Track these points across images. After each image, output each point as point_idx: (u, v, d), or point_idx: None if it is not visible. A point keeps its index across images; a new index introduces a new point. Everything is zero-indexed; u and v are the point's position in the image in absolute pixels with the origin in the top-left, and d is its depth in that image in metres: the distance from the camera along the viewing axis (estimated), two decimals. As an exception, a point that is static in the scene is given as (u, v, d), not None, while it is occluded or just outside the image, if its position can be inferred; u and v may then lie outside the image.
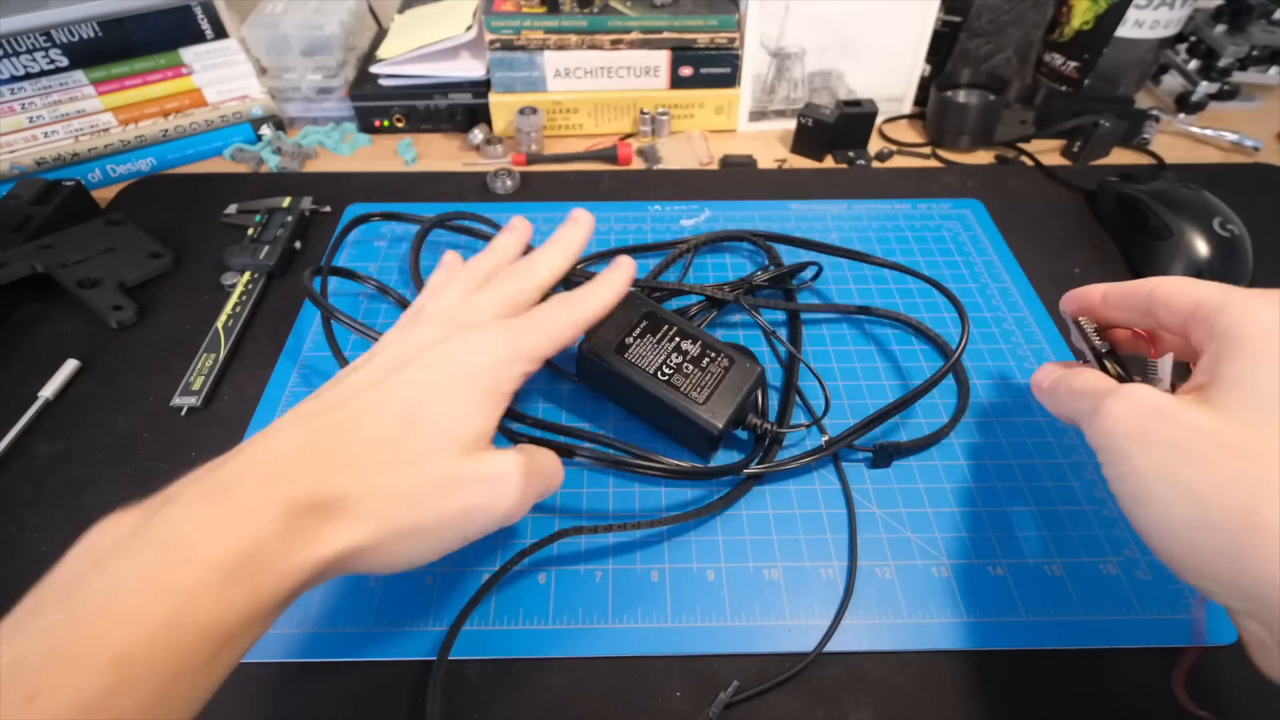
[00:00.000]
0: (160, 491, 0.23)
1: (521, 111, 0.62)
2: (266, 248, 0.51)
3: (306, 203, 0.55)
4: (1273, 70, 0.69)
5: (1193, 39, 0.69)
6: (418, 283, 0.48)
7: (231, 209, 0.55)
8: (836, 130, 0.62)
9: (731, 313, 0.47)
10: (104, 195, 0.58)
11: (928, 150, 0.64)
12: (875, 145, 0.65)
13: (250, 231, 0.52)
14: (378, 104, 0.64)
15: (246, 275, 0.50)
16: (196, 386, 0.43)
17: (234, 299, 0.48)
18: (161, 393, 0.43)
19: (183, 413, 0.42)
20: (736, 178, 0.60)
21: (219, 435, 0.41)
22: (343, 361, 0.42)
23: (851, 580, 0.34)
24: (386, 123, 0.66)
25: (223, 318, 0.47)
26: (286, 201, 0.55)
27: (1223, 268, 0.48)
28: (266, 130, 0.64)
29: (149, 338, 0.47)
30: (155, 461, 0.40)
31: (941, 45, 0.65)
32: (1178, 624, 0.33)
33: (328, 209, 0.57)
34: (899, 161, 0.64)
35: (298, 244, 0.53)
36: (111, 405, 0.42)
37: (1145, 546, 0.35)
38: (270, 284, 0.50)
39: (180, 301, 0.49)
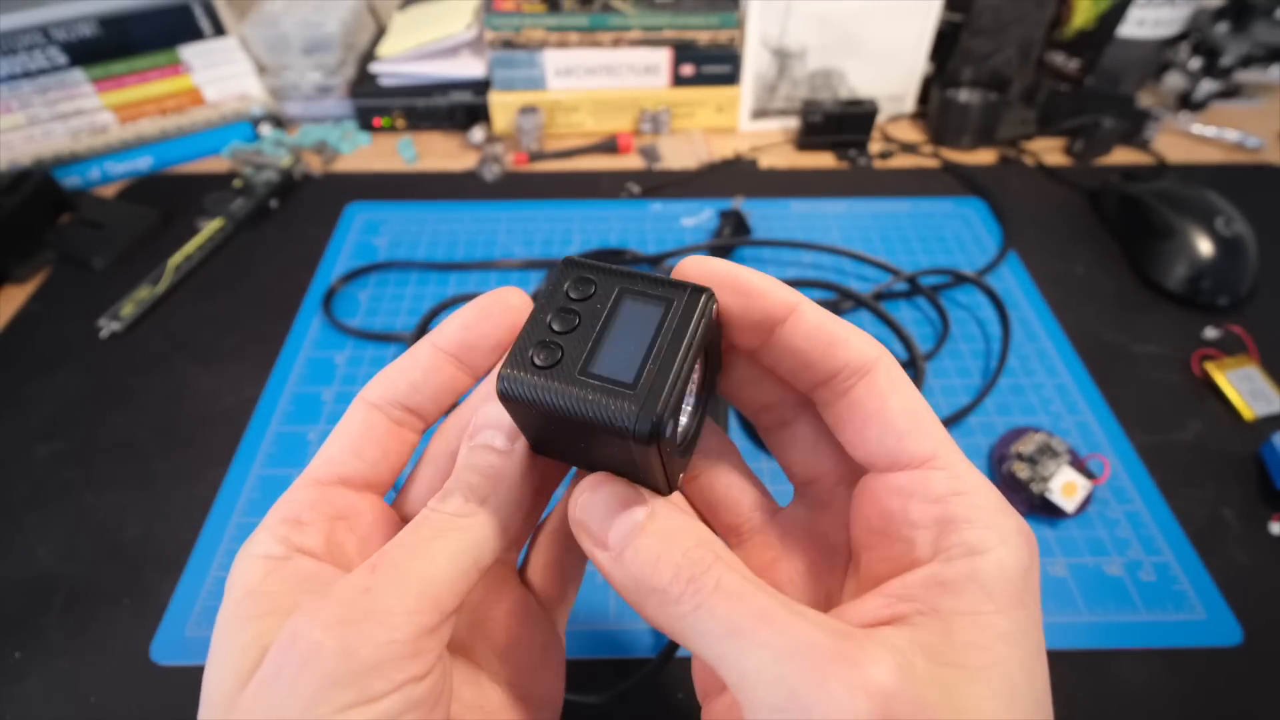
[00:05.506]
0: None
1: (522, 111, 0.62)
2: (242, 200, 0.52)
3: (301, 167, 0.57)
4: (1275, 69, 0.69)
5: (1195, 38, 0.69)
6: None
7: (229, 151, 0.57)
8: (838, 129, 0.62)
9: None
10: (105, 193, 0.58)
11: (929, 149, 0.64)
12: (877, 144, 0.65)
13: (236, 183, 0.53)
14: (377, 102, 0.64)
15: (217, 222, 0.51)
16: (124, 313, 0.45)
17: (197, 241, 0.49)
18: (161, 393, 0.43)
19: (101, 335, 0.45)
20: (737, 176, 0.60)
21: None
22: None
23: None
24: (386, 121, 0.65)
25: (178, 257, 0.48)
26: (286, 160, 0.56)
27: (1225, 267, 0.48)
28: (266, 129, 0.64)
29: (149, 339, 0.46)
30: (155, 461, 0.40)
31: (943, 44, 0.65)
32: (1181, 625, 0.33)
33: (318, 175, 0.59)
34: (900, 160, 0.63)
35: (274, 202, 0.54)
36: (111, 405, 0.42)
37: (1150, 547, 0.36)
38: (238, 235, 0.52)
39: (178, 303, 0.49)
